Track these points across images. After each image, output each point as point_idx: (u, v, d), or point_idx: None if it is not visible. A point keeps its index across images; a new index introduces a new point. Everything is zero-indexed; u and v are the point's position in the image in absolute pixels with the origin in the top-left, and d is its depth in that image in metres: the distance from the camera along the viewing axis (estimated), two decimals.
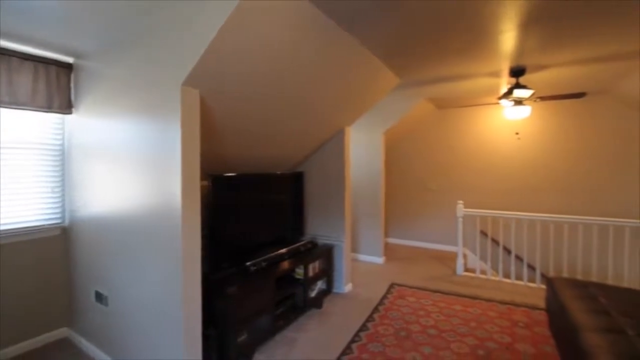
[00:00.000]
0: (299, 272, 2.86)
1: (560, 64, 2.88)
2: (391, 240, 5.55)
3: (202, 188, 1.89)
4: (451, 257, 4.52)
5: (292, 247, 2.97)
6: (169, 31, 1.70)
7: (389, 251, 4.97)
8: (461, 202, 3.97)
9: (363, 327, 2.62)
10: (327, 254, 3.24)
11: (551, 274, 3.69)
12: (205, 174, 2.31)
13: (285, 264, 2.72)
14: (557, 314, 2.37)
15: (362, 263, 4.39)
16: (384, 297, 3.22)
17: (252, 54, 1.77)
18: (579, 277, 3.72)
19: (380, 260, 4.43)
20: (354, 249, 4.60)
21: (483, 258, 4.27)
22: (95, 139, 2.26)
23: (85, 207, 2.36)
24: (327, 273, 3.22)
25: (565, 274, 3.67)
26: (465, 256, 4.24)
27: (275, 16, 1.68)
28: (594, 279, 3.55)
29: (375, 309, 2.95)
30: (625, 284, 3.35)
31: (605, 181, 4.11)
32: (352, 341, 2.41)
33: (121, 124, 2.04)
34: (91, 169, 2.30)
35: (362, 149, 4.55)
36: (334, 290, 3.37)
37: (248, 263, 2.46)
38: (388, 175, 5.47)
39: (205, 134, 2.08)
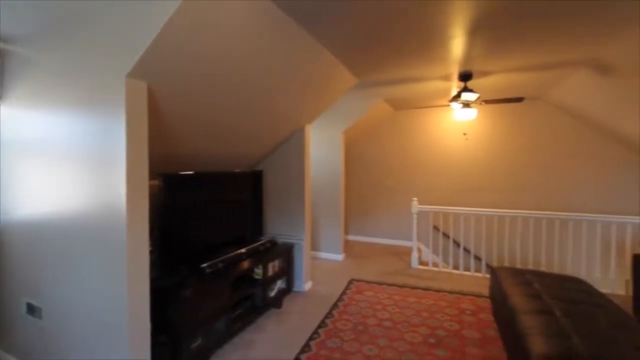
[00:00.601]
0: (258, 272, 2.82)
1: (501, 71, 3.13)
2: (351, 237, 5.67)
3: (153, 188, 1.79)
4: (407, 252, 4.73)
5: (251, 246, 2.92)
6: (114, 14, 1.56)
7: (349, 248, 5.07)
8: (416, 199, 4.16)
9: (322, 324, 2.65)
10: (286, 252, 3.23)
11: (495, 264, 4.01)
12: (156, 173, 2.19)
13: (244, 264, 2.66)
14: (498, 300, 2.58)
15: (322, 261, 4.44)
16: (343, 293, 3.29)
17: (206, 46, 1.71)
18: (519, 265, 4.08)
19: (340, 257, 4.51)
20: (315, 247, 4.63)
21: (435, 251, 4.52)
22: (29, 133, 2.03)
23: (18, 209, 2.12)
24: (286, 272, 3.20)
25: (507, 264, 4.01)
26: (419, 250, 4.45)
27: (231, 9, 1.64)
28: (531, 266, 3.92)
29: (334, 305, 3.00)
30: (555, 269, 3.74)
31: (541, 178, 4.54)
32: (311, 339, 2.43)
33: (59, 117, 1.86)
34: (25, 166, 2.07)
35: (323, 147, 4.60)
36: (294, 288, 3.37)
37: (203, 265, 2.37)
38: (348, 173, 5.58)
39: (155, 131, 1.96)
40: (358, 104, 4.41)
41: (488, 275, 3.65)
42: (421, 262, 4.31)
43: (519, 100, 3.43)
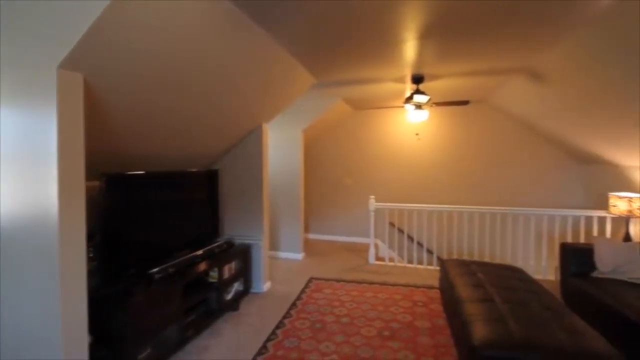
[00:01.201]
0: (213, 274, 2.72)
1: (450, 75, 3.32)
2: (311, 235, 5.70)
3: (93, 189, 1.64)
4: (365, 249, 4.85)
5: (206, 249, 2.82)
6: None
7: (309, 247, 5.09)
8: (373, 196, 4.29)
9: (280, 324, 2.63)
10: (244, 253, 3.16)
11: (445, 256, 4.26)
12: (98, 173, 2.02)
13: (198, 268, 2.56)
14: (447, 290, 2.74)
15: (282, 260, 4.41)
16: (302, 292, 3.29)
17: (153, 42, 1.60)
18: (466, 257, 4.38)
19: (299, 256, 4.51)
20: (274, 246, 4.58)
21: (392, 247, 4.70)
22: None
23: None
24: (244, 273, 3.13)
25: (455, 256, 4.27)
26: (376, 246, 4.60)
27: (181, 7, 1.55)
28: (477, 257, 4.23)
29: (293, 305, 2.99)
30: (497, 259, 4.07)
31: (485, 176, 4.90)
32: (268, 340, 2.40)
33: None
34: None
35: (282, 146, 4.56)
36: (252, 290, 3.31)
37: (153, 270, 2.24)
38: (307, 172, 5.60)
39: (98, 128, 1.81)
40: (318, 103, 4.43)
41: (439, 268, 3.87)
42: (378, 258, 4.45)
43: (465, 103, 3.67)
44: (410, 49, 2.57)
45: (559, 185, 4.57)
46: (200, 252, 2.74)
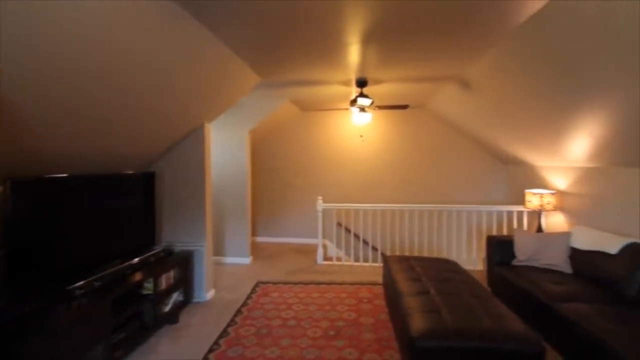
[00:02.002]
0: (148, 286, 2.51)
1: (391, 80, 3.48)
2: (260, 239, 5.58)
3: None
4: (314, 249, 4.87)
5: (141, 258, 2.59)
6: None
7: (257, 250, 4.97)
8: (320, 197, 4.33)
9: (223, 333, 2.51)
10: (184, 261, 2.97)
11: (389, 253, 4.46)
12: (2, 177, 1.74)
13: (130, 280, 2.34)
14: (389, 285, 2.86)
15: (228, 266, 4.24)
16: (248, 297, 3.20)
17: (76, 24, 1.41)
18: (407, 252, 4.63)
19: (247, 260, 4.38)
20: (219, 251, 4.39)
21: (339, 246, 4.79)
22: None
23: None
24: (184, 282, 2.94)
25: (398, 252, 4.50)
26: (325, 246, 4.65)
27: None
28: (416, 252, 4.50)
29: (238, 312, 2.89)
30: (435, 253, 4.37)
31: (423, 176, 5.23)
32: (210, 351, 2.28)
33: None
34: None
35: (228, 147, 4.39)
36: (194, 299, 3.13)
37: (73, 286, 1.99)
38: (255, 173, 5.47)
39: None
40: (265, 103, 4.35)
41: (382, 264, 4.03)
42: (326, 258, 4.51)
43: (405, 107, 3.87)
44: (354, 52, 2.63)
45: (486, 183, 5.06)
46: (133, 262, 2.51)
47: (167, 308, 2.66)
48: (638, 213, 2.62)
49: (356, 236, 4.86)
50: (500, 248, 3.21)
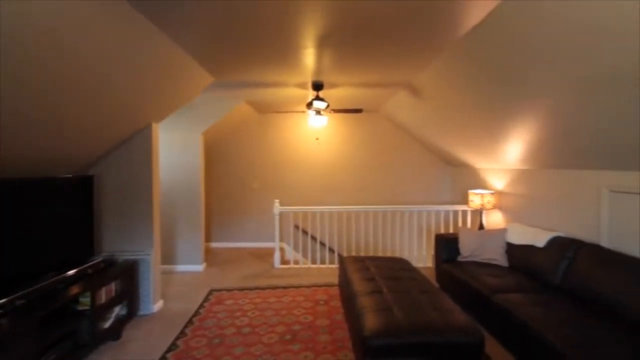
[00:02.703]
0: (85, 301, 2.28)
1: (346, 84, 3.55)
2: (214, 244, 5.37)
3: None
4: (270, 253, 4.80)
5: (78, 270, 2.36)
6: None
7: (211, 256, 4.78)
8: (277, 200, 4.28)
9: (172, 347, 2.37)
10: (128, 272, 2.75)
11: (345, 254, 4.54)
12: None
13: (62, 295, 2.11)
14: (344, 286, 2.91)
15: (179, 274, 4.01)
16: (200, 306, 3.05)
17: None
18: (362, 253, 4.75)
19: (200, 267, 4.19)
20: (170, 259, 4.15)
21: (297, 249, 4.77)
22: None
23: None
24: (128, 295, 2.73)
25: (354, 252, 4.59)
26: (282, 250, 4.61)
27: None
28: (371, 252, 4.64)
29: (189, 322, 2.74)
30: (388, 253, 4.54)
31: (377, 178, 5.41)
32: None
33: None
34: None
35: (180, 149, 4.17)
36: (140, 312, 2.91)
37: None
38: (210, 177, 5.26)
39: None
40: (219, 104, 4.20)
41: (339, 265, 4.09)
42: (284, 262, 4.46)
43: (359, 111, 3.98)
44: (309, 55, 2.65)
45: (434, 184, 5.37)
46: (68, 274, 2.28)
47: (107, 324, 2.44)
48: (560, 209, 2.95)
49: (313, 238, 4.88)
50: (447, 246, 3.42)
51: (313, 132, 5.37)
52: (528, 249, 2.90)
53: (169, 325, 2.70)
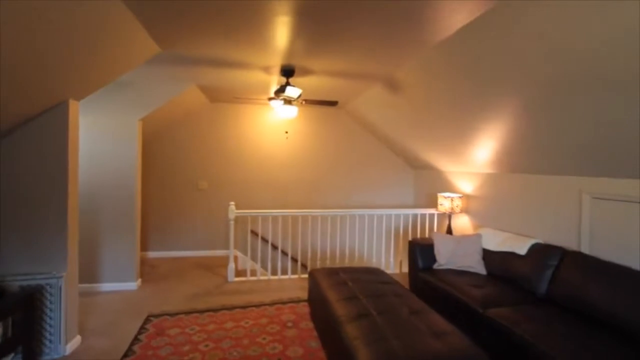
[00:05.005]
0: None
1: (320, 72, 3.12)
2: (152, 254, 4.55)
3: None
4: (223, 263, 4.17)
5: None
6: None
7: (149, 270, 3.99)
8: (233, 203, 3.69)
9: None
10: (25, 303, 1.99)
11: (309, 262, 4.11)
12: None
13: None
14: (318, 303, 2.49)
15: (105, 296, 3.21)
16: (134, 341, 2.37)
17: None
18: (328, 260, 4.39)
19: (134, 285, 3.42)
20: (93, 277, 3.31)
21: (254, 258, 4.22)
22: None
23: None
24: (27, 335, 1.97)
25: (319, 260, 4.20)
26: (236, 258, 4.02)
27: None
28: (337, 258, 4.28)
29: None
30: (356, 259, 4.23)
31: (343, 178, 5.09)
32: None
33: None
34: None
35: (109, 137, 3.34)
36: (46, 356, 2.15)
37: None
38: (148, 174, 4.43)
39: None
40: (164, 87, 3.48)
41: (305, 276, 3.65)
42: (238, 273, 3.88)
43: (334, 103, 3.57)
44: (281, 29, 2.18)
45: (397, 187, 5.23)
46: None
47: None
48: (537, 215, 2.90)
49: (274, 246, 4.38)
50: (422, 253, 3.20)
51: (275, 126, 4.87)
52: (507, 256, 2.79)
53: None
